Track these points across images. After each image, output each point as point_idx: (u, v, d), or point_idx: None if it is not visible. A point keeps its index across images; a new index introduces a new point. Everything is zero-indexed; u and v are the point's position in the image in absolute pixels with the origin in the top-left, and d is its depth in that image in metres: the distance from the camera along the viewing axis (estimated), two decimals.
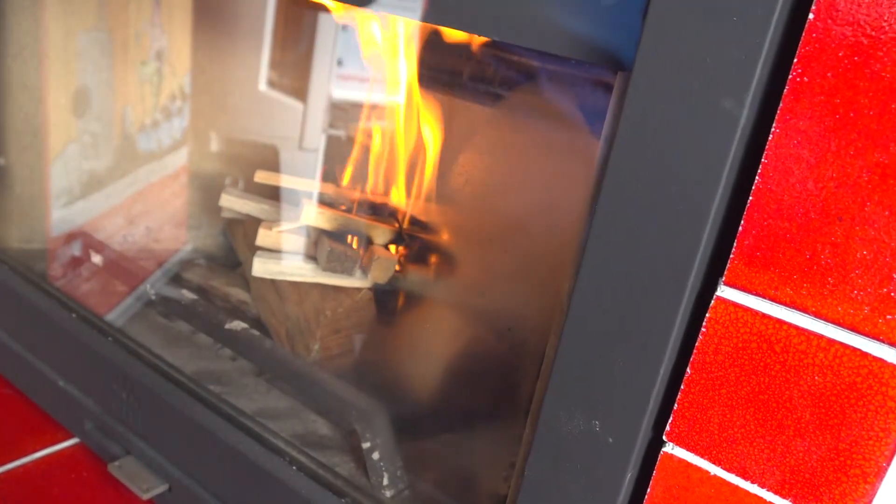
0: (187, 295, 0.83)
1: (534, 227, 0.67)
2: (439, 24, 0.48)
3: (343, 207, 0.78)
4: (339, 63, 0.96)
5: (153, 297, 0.85)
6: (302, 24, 1.00)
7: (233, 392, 0.72)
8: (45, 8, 0.91)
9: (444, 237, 0.75)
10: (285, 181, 0.82)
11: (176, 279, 0.89)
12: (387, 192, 0.81)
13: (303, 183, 0.83)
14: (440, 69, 0.86)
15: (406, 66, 0.81)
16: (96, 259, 0.92)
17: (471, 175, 0.75)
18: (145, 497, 0.69)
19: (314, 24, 0.97)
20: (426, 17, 0.47)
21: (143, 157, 1.05)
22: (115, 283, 0.90)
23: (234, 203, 0.83)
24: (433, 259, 0.75)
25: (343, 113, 0.96)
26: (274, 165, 0.97)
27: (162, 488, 0.69)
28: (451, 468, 0.67)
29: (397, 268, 0.74)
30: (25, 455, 0.77)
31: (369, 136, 0.84)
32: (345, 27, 0.95)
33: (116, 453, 0.73)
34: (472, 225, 0.74)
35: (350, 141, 0.91)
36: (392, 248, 0.76)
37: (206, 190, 1.04)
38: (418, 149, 0.80)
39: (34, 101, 0.92)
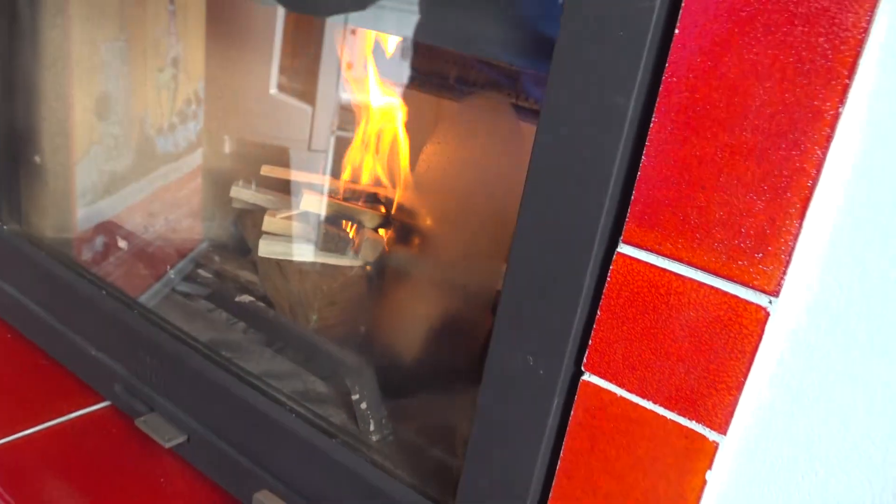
0: (203, 276, 0.94)
1: (496, 209, 0.78)
2: (394, 34, 0.59)
3: (338, 196, 0.89)
4: (349, 66, 1.03)
5: (177, 282, 0.96)
6: (311, 29, 1.08)
7: (242, 357, 0.82)
8: (73, 22, 1.00)
9: (424, 220, 0.85)
10: (287, 174, 0.92)
11: (195, 264, 1.00)
12: (376, 183, 0.92)
13: (303, 175, 0.94)
14: (424, 73, 0.96)
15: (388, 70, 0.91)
16: (122, 244, 1.02)
17: (444, 166, 0.85)
18: (167, 446, 0.80)
19: (321, 30, 1.05)
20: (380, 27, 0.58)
21: (162, 158, 1.13)
22: (140, 268, 1.01)
23: (243, 194, 0.94)
24: (415, 239, 0.86)
25: (350, 115, 1.04)
26: (284, 166, 1.05)
27: (181, 438, 0.80)
28: (430, 420, 0.77)
29: (385, 248, 0.85)
30: (61, 416, 0.88)
31: (363, 133, 0.94)
32: (353, 31, 1.03)
33: (142, 411, 0.84)
34: (446, 209, 0.84)
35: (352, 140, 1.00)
36: (381, 230, 0.87)
37: (220, 186, 1.12)
38: (402, 144, 0.90)
39: (65, 106, 1.02)
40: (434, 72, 0.97)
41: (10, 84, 0.98)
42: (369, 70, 0.92)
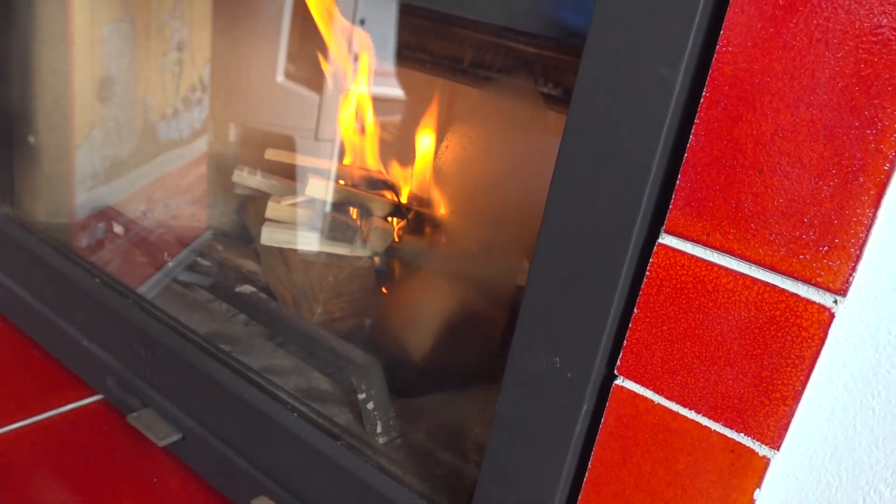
0: (204, 265, 0.90)
1: (517, 196, 0.73)
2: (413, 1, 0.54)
3: (346, 182, 0.84)
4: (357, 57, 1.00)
5: (177, 272, 0.91)
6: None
7: (242, 351, 0.78)
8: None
9: (438, 209, 0.80)
10: (293, 158, 0.88)
11: (194, 253, 0.96)
12: (386, 169, 0.87)
13: (309, 160, 0.89)
14: (438, 56, 0.91)
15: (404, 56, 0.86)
16: (119, 230, 0.98)
17: (461, 153, 0.80)
18: (161, 444, 0.75)
19: (330, 18, 1.01)
20: None
21: (165, 145, 1.10)
22: (139, 257, 0.96)
23: (246, 180, 0.89)
24: (427, 229, 0.81)
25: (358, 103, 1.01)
26: (295, 151, 1.01)
27: (176, 437, 0.76)
28: (442, 422, 0.72)
29: (395, 237, 0.80)
30: (51, 409, 0.83)
31: (375, 121, 0.90)
32: (363, 21, 0.99)
33: (135, 406, 0.80)
34: (462, 197, 0.79)
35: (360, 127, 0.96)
36: (390, 219, 0.82)
37: (223, 175, 1.09)
38: (416, 130, 0.86)
39: (62, 84, 0.98)
40: (447, 55, 0.93)
41: (1, 58, 0.93)
42: (376, 57, 0.88)
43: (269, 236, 0.80)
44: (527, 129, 0.80)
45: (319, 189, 0.80)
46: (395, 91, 0.94)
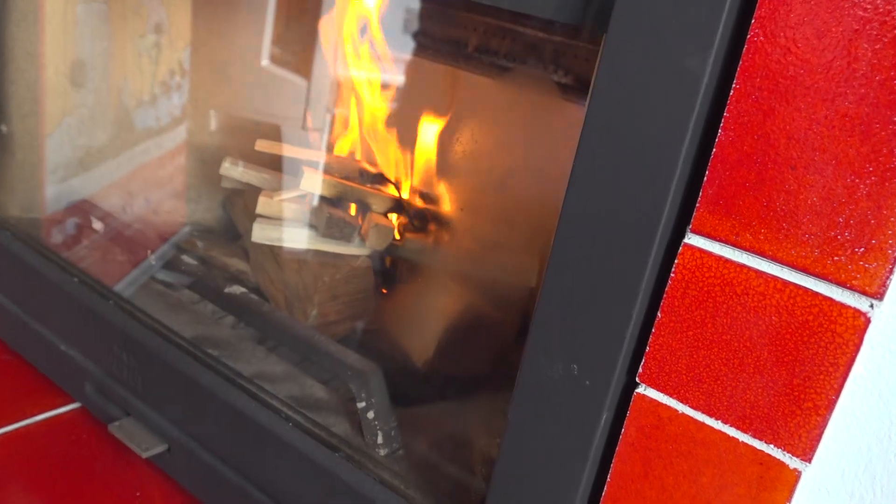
0: (187, 263, 0.90)
1: (530, 192, 0.74)
2: None
3: (343, 176, 0.85)
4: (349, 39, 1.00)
5: (156, 270, 0.92)
6: None
7: (231, 356, 0.78)
8: None
9: (443, 205, 0.81)
10: (286, 150, 0.88)
11: (176, 250, 0.96)
12: (387, 162, 0.88)
13: (303, 152, 0.90)
14: (442, 41, 0.92)
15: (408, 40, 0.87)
16: (97, 226, 0.99)
17: (468, 145, 0.81)
18: (145, 456, 0.76)
19: None
20: None
21: (142, 133, 1.10)
22: (117, 253, 0.97)
23: (233, 172, 0.89)
24: (431, 226, 0.82)
25: (350, 90, 1.01)
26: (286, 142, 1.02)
27: (161, 448, 0.76)
28: (447, 432, 0.73)
29: (395, 235, 0.81)
30: (26, 418, 0.84)
31: (372, 109, 0.90)
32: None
33: (116, 415, 0.80)
34: (470, 192, 0.80)
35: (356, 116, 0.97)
36: (391, 216, 0.83)
37: (206, 165, 1.10)
38: (419, 120, 0.87)
39: (35, 68, 0.98)
40: (451, 39, 0.93)
41: None
42: (372, 39, 0.89)
43: (262, 233, 0.81)
44: (539, 119, 0.81)
45: (315, 183, 0.80)
46: (396, 77, 0.95)
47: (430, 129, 0.85)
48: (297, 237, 0.82)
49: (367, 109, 0.90)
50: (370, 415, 0.69)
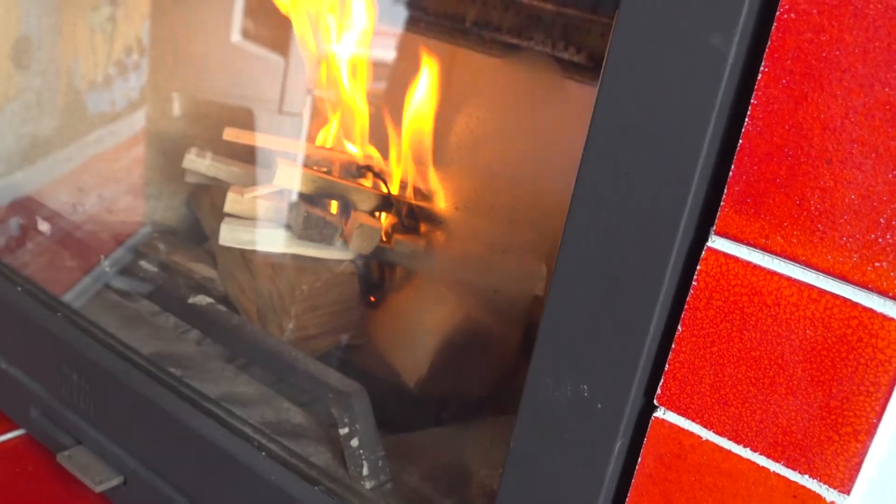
0: (146, 270, 0.91)
1: (535, 189, 0.75)
2: None
3: (324, 169, 0.86)
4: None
5: (111, 277, 0.93)
6: None
7: (196, 376, 0.79)
8: None
9: (437, 202, 0.82)
10: (258, 139, 0.89)
11: (134, 254, 0.97)
12: (374, 153, 0.89)
13: (278, 142, 0.91)
14: (439, 14, 0.93)
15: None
16: (43, 227, 0.99)
17: (467, 134, 0.82)
18: (98, 490, 0.77)
19: None
20: None
21: (95, 119, 1.11)
22: (66, 259, 0.98)
23: (199, 165, 0.90)
24: (424, 226, 0.82)
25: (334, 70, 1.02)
26: (250, 131, 1.03)
27: (116, 480, 0.77)
28: (442, 462, 0.74)
29: (383, 237, 0.82)
30: None
31: (357, 93, 0.91)
32: None
33: (66, 443, 0.81)
34: (468, 189, 0.81)
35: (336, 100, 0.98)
36: (378, 214, 0.83)
37: (168, 156, 1.11)
38: (411, 105, 0.87)
39: None
40: (446, 12, 0.94)
41: None
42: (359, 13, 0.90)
43: (230, 235, 0.82)
44: (548, 104, 0.82)
45: (291, 177, 0.81)
46: (385, 55, 0.96)
47: (423, 115, 0.86)
48: (271, 239, 0.83)
49: (352, 93, 0.91)
50: (354, 442, 0.70)
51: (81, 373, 0.80)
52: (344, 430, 0.70)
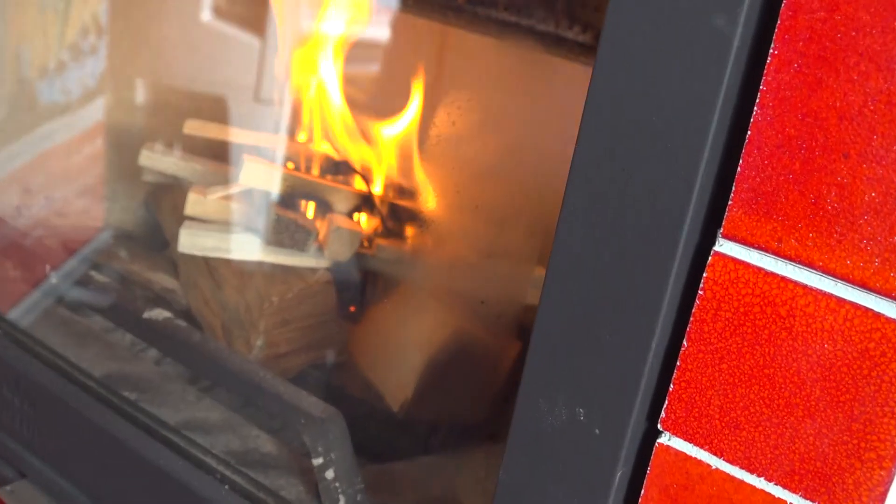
0: (99, 281, 0.92)
1: (533, 186, 0.75)
2: None
3: (296, 165, 0.86)
4: None
5: (61, 290, 0.94)
6: None
7: (153, 400, 0.80)
8: None
9: (424, 202, 0.83)
10: (223, 133, 0.90)
11: (87, 263, 0.98)
12: (354, 147, 0.89)
13: (246, 135, 0.91)
14: None
15: None
16: None
17: (457, 125, 0.82)
18: None
19: None
20: None
21: (45, 111, 1.11)
22: (10, 269, 0.98)
23: (158, 162, 0.91)
24: (409, 229, 0.83)
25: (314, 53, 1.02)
26: (220, 123, 1.03)
27: None
28: (429, 495, 0.75)
29: (364, 241, 0.82)
30: None
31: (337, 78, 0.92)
32: None
33: (8, 476, 0.82)
34: (457, 187, 0.81)
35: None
36: (358, 216, 0.84)
37: (127, 152, 1.11)
38: (397, 92, 0.88)
39: None
40: None
41: None
42: None
43: (191, 241, 0.82)
44: (551, 90, 0.82)
45: (259, 175, 0.82)
46: (370, 35, 0.96)
47: (410, 103, 0.87)
48: (237, 246, 0.83)
49: (331, 78, 0.91)
50: (329, 474, 0.71)
51: (25, 397, 0.80)
52: (318, 461, 0.71)
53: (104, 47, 1.11)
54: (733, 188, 0.45)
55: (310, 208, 0.85)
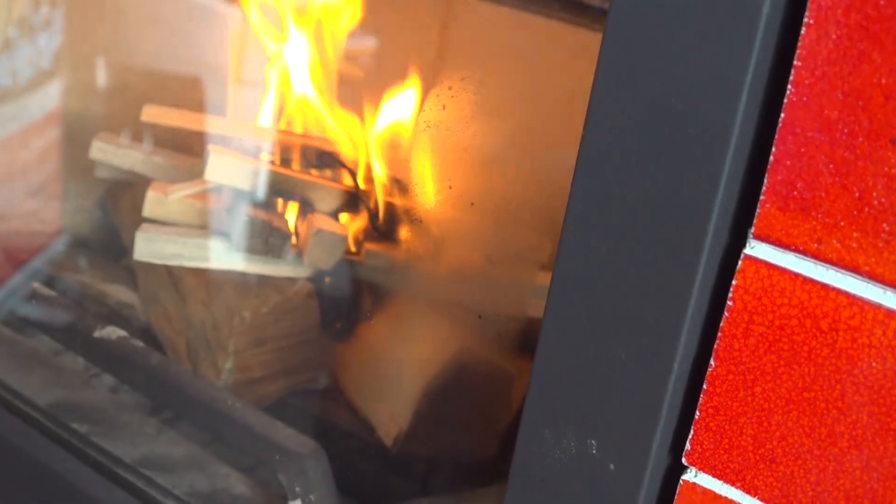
0: (46, 294, 0.93)
1: (549, 180, 0.75)
2: None
3: (273, 158, 0.87)
4: None
5: (8, 306, 0.94)
6: None
7: (108, 434, 0.81)
8: None
9: (420, 198, 0.83)
10: (185, 120, 0.90)
11: (32, 275, 0.99)
12: (341, 135, 0.90)
13: (214, 123, 0.92)
14: None
15: None
16: None
17: (459, 110, 0.83)
18: None
19: None
20: None
21: None
22: None
23: (112, 155, 0.92)
24: (403, 231, 0.83)
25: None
26: (189, 108, 1.03)
27: None
28: None
29: (350, 246, 0.83)
30: None
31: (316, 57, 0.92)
32: None
33: None
34: (461, 181, 0.82)
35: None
36: (344, 216, 0.84)
37: (84, 145, 1.11)
38: (391, 72, 0.88)
39: None
40: None
41: None
42: None
43: (149, 247, 0.83)
44: (569, 66, 0.82)
45: (228, 169, 0.83)
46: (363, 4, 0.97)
47: (405, 84, 0.87)
48: (203, 252, 0.84)
49: (315, 56, 0.92)
50: None
51: None
52: (296, 502, 0.71)
53: (59, 21, 1.11)
54: (765, 180, 0.46)
55: (288, 208, 0.85)
